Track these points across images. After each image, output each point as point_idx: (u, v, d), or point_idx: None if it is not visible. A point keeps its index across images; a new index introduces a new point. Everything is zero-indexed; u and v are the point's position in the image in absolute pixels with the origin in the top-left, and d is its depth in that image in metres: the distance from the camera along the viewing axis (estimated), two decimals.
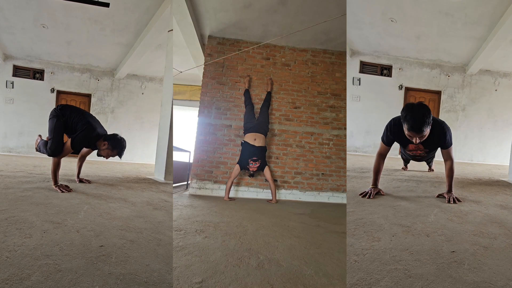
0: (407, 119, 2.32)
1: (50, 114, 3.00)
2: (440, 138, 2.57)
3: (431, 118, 2.34)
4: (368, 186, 2.78)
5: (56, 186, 2.80)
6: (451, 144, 2.62)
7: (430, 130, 2.40)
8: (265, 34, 4.65)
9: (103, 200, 2.59)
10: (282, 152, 4.76)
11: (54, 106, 3.08)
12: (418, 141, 2.37)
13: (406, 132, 2.38)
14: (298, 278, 1.52)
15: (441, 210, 2.30)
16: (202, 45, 5.00)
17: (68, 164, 4.27)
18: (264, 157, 4.31)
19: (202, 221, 2.55)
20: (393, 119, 2.67)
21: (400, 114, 2.52)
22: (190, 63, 5.81)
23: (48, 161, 2.96)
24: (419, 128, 2.29)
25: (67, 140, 2.95)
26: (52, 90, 7.19)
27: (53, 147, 2.88)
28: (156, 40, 5.46)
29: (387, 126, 2.70)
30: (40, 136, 3.27)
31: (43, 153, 3.10)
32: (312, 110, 4.88)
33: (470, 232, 1.87)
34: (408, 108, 2.35)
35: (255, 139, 4.27)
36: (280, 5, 3.97)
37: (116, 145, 2.95)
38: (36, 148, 3.23)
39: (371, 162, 2.91)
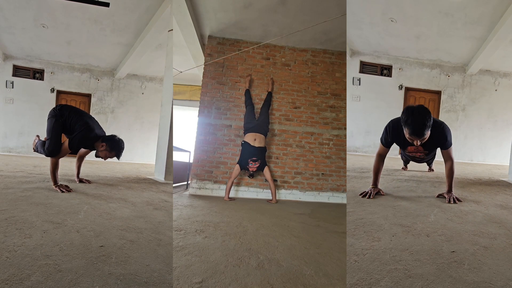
0: (408, 123, 2.31)
1: (49, 114, 2.98)
2: (440, 139, 2.56)
3: (432, 120, 2.34)
4: (368, 186, 2.78)
5: (56, 186, 2.79)
6: (451, 144, 2.62)
7: (430, 132, 2.40)
8: (265, 34, 4.65)
9: (103, 200, 2.59)
10: (282, 152, 4.76)
11: (54, 106, 3.06)
12: (419, 143, 2.37)
13: (407, 135, 2.37)
14: (298, 278, 1.52)
15: (441, 210, 2.30)
16: (202, 45, 5.00)
17: (68, 164, 4.27)
18: (263, 158, 4.31)
19: (202, 221, 2.55)
20: (391, 121, 2.66)
21: (398, 116, 2.52)
22: (190, 63, 5.81)
23: (48, 161, 2.95)
24: (421, 133, 2.29)
25: (65, 140, 2.93)
26: (52, 90, 7.19)
27: (51, 148, 2.86)
28: (156, 40, 5.46)
29: (386, 128, 2.69)
30: (38, 136, 3.25)
31: (40, 153, 3.07)
32: (312, 110, 4.88)
33: (470, 232, 1.87)
34: (409, 111, 2.34)
35: (255, 139, 4.27)
36: (280, 5, 3.97)
37: (114, 147, 2.93)
38: (33, 148, 3.21)
39: (371, 162, 2.91)
